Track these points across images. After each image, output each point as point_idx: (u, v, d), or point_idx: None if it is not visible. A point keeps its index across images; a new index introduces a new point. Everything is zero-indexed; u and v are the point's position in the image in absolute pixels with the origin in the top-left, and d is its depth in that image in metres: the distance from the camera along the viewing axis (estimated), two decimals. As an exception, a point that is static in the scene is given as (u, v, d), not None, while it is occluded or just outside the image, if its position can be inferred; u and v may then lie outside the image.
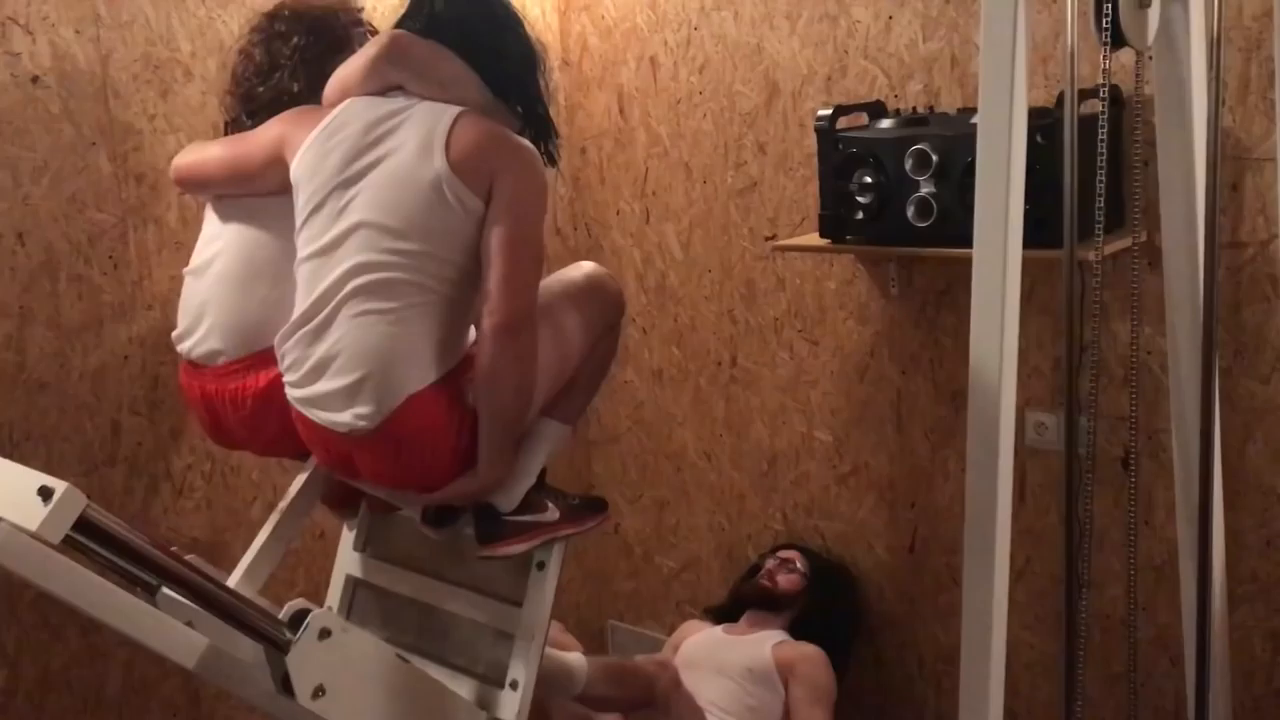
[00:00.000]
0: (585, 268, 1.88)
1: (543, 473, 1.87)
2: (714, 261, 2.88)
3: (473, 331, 1.73)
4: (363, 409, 1.64)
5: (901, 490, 2.69)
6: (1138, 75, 2.01)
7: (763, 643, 2.58)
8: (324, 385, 1.66)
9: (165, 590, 1.64)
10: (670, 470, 3.09)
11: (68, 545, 1.40)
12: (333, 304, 1.66)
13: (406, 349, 1.64)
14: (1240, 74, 2.10)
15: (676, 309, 2.98)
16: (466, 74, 1.73)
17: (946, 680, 2.68)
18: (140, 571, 1.55)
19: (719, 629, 2.70)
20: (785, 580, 2.69)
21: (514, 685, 1.80)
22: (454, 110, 1.68)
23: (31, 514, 1.33)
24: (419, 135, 1.67)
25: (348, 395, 1.65)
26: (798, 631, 2.63)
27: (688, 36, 2.81)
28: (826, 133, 2.37)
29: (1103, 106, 1.94)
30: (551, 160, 1.80)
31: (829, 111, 2.38)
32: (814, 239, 2.48)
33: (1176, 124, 1.98)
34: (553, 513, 1.85)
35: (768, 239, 2.76)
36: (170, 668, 2.31)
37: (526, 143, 1.72)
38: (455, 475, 1.72)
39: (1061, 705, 2.10)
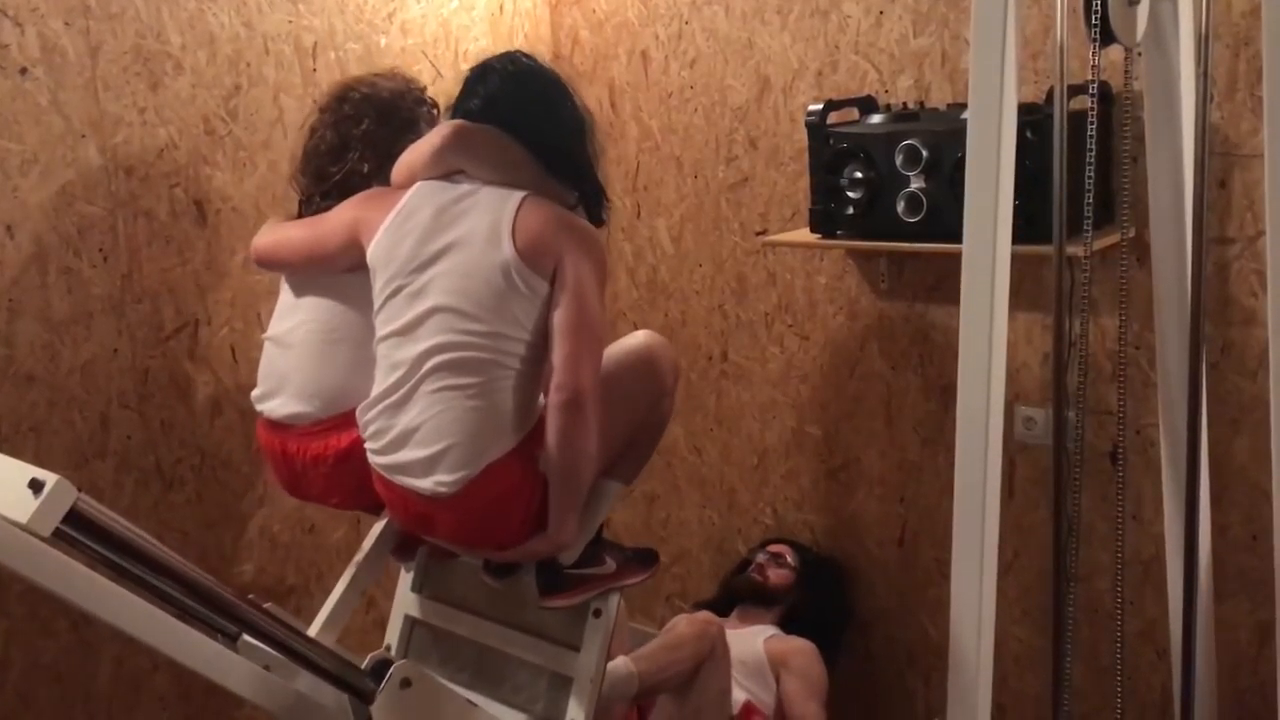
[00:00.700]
0: (641, 337, 1.97)
1: (601, 527, 1.96)
2: (705, 256, 2.89)
3: (541, 398, 1.81)
4: (445, 476, 1.72)
5: (891, 485, 2.70)
6: (1127, 71, 2.02)
7: (754, 637, 2.58)
8: (407, 454, 1.75)
9: (246, 637, 1.67)
10: (660, 464, 3.09)
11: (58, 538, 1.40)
12: (414, 381, 1.75)
13: (486, 420, 1.73)
14: (1229, 70, 2.11)
15: (667, 304, 2.98)
16: (521, 156, 1.81)
17: (936, 673, 2.69)
18: (121, 559, 1.55)
19: (709, 623, 2.70)
20: (775, 575, 2.69)
21: None
22: (517, 197, 1.77)
23: (21, 507, 1.33)
24: (487, 223, 1.76)
25: (430, 463, 1.73)
26: (788, 626, 2.64)
27: (679, 30, 2.81)
28: (817, 128, 2.37)
29: (1092, 103, 1.94)
30: (599, 221, 1.89)
31: (820, 106, 2.38)
32: (804, 234, 2.48)
33: (1165, 120, 1.99)
34: (610, 565, 1.94)
35: (758, 234, 2.76)
36: (160, 661, 2.31)
37: (586, 224, 1.82)
38: (526, 536, 1.80)
39: (1049, 698, 2.11)
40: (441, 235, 1.78)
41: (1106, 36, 1.87)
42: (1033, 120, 2.06)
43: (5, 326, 2.18)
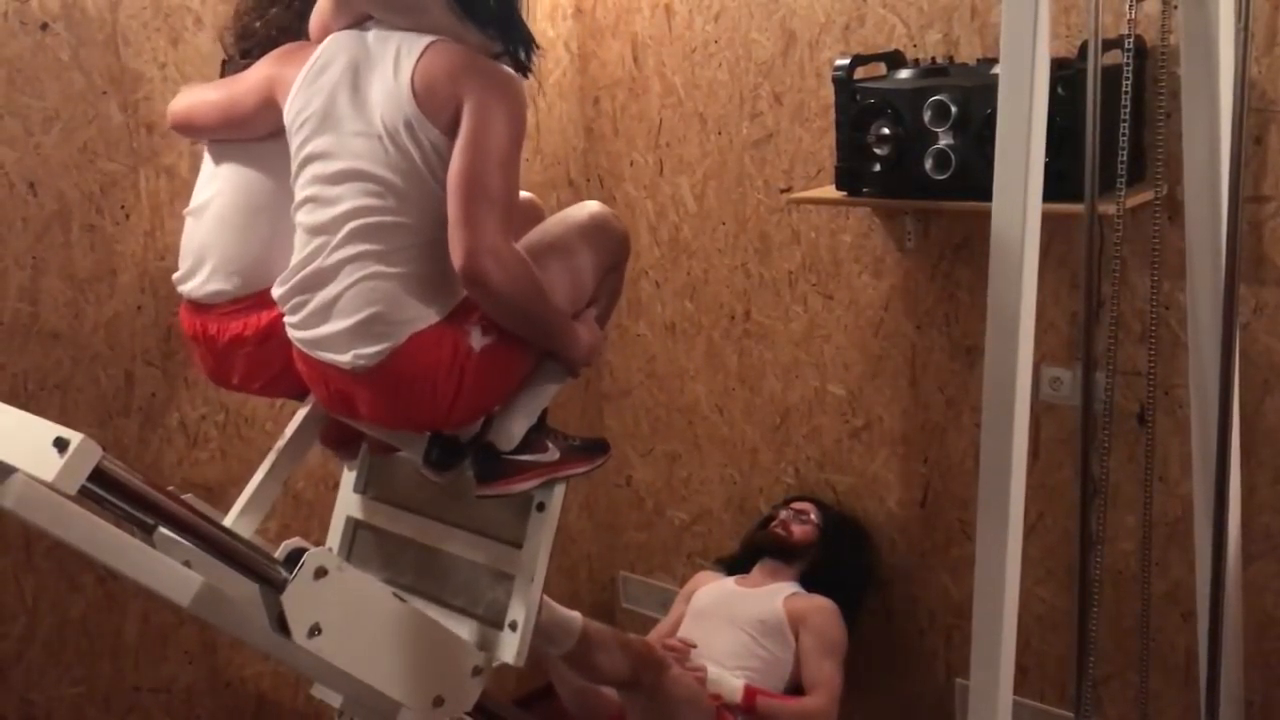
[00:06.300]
0: (590, 207, 1.86)
1: (544, 413, 1.86)
2: (728, 214, 2.86)
3: None
4: (365, 349, 1.64)
5: (914, 445, 2.68)
6: (1163, 25, 1.97)
7: (775, 595, 2.59)
8: (327, 328, 1.67)
9: (162, 530, 1.64)
10: (682, 423, 3.09)
11: (81, 495, 1.40)
12: (331, 248, 1.66)
13: (406, 290, 1.64)
14: (1268, 24, 2.06)
15: (690, 262, 2.96)
16: None
17: (957, 634, 2.69)
18: (145, 515, 1.55)
19: (730, 580, 2.71)
20: (799, 530, 2.69)
21: (513, 626, 1.80)
22: (423, 42, 1.64)
23: (47, 465, 1.33)
24: (390, 74, 1.64)
25: (351, 336, 1.65)
26: (809, 584, 2.64)
27: (703, -16, 2.77)
28: (844, 83, 2.33)
29: (1126, 57, 1.91)
30: (526, 71, 1.73)
31: (846, 61, 2.34)
32: (830, 191, 2.45)
33: (1202, 75, 1.95)
34: (553, 453, 1.84)
35: (783, 191, 2.73)
36: (186, 616, 2.33)
37: (501, 68, 1.67)
38: (456, 418, 1.72)
39: (1073, 659, 2.11)
40: (355, 90, 1.65)
41: (1143, -11, 1.83)
42: (1065, 75, 2.03)
43: (29, 284, 2.18)
